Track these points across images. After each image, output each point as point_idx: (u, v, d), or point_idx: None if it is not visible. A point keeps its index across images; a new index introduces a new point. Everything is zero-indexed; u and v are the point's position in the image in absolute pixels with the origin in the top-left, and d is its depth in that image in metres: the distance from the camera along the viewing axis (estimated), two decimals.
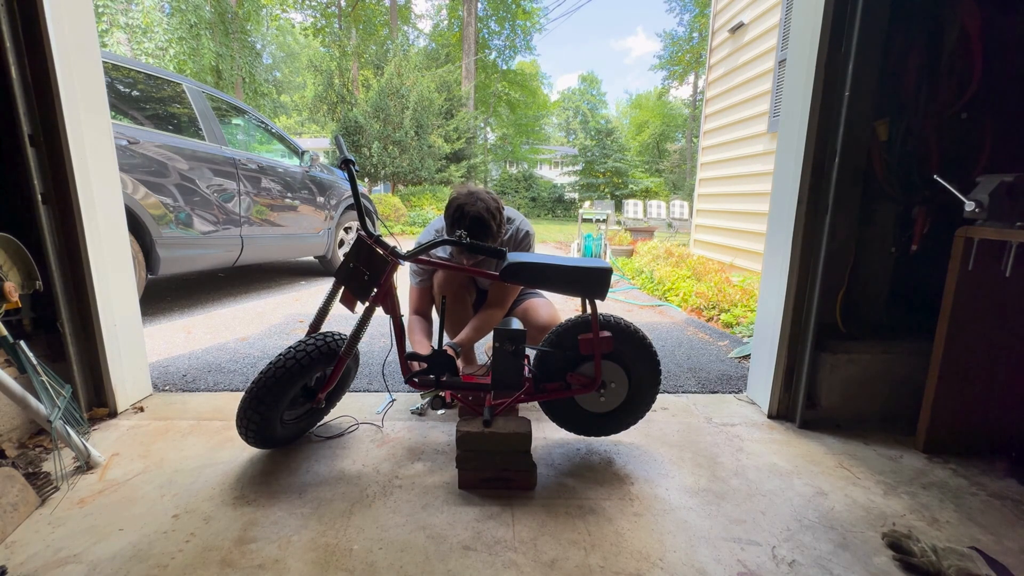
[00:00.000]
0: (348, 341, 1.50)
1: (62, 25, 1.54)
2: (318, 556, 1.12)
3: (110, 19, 13.36)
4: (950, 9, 1.63)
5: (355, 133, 12.74)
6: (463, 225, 1.59)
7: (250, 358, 2.41)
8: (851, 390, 1.83)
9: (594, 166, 20.80)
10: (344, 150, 1.51)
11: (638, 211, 12.08)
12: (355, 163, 1.48)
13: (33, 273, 1.45)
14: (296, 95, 24.08)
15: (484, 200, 1.64)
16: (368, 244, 1.44)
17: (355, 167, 1.48)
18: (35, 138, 1.53)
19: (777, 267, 1.87)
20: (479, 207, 1.62)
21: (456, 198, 1.66)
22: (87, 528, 1.19)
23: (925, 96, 1.68)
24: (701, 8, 20.65)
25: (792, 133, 1.79)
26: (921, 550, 1.12)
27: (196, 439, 1.63)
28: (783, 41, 4.43)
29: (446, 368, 1.50)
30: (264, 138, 4.26)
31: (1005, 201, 1.41)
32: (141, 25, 13.57)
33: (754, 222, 4.79)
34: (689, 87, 25.05)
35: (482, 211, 1.61)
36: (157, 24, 13.69)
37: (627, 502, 1.35)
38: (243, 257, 3.60)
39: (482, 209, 1.62)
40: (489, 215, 1.63)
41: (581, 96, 33.46)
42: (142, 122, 3.09)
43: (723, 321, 3.33)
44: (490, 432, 1.37)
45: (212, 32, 15.47)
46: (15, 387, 1.32)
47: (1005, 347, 1.57)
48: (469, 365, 2.06)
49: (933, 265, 1.67)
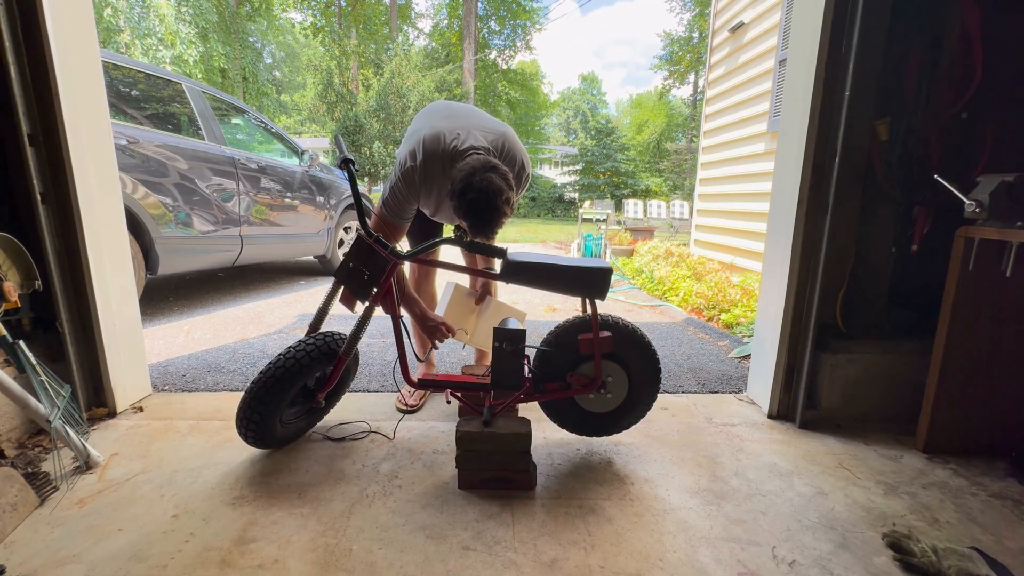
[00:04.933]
0: (348, 341, 1.50)
1: (62, 25, 1.54)
2: (318, 556, 1.12)
3: (131, 30, 13.39)
4: (950, 9, 1.63)
5: (355, 133, 12.74)
6: (466, 208, 1.38)
7: (250, 358, 2.41)
8: (851, 390, 1.82)
9: (594, 166, 20.80)
10: (344, 149, 1.51)
11: (638, 211, 12.07)
12: (355, 163, 1.47)
13: (32, 273, 1.45)
14: (296, 95, 24.06)
15: (496, 184, 1.37)
16: (368, 244, 1.44)
17: (355, 167, 1.48)
18: (34, 138, 1.53)
19: (777, 267, 1.87)
20: (493, 194, 1.36)
21: (469, 180, 1.37)
22: (86, 528, 1.19)
23: (925, 96, 1.68)
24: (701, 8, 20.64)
25: (792, 133, 1.79)
26: (921, 550, 1.12)
27: (196, 439, 1.63)
28: (783, 41, 4.42)
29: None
30: (263, 137, 4.25)
31: (1005, 201, 1.41)
32: (159, 36, 13.62)
33: (754, 222, 4.79)
34: (689, 87, 25.04)
35: (493, 198, 1.36)
36: (174, 35, 13.75)
37: (627, 502, 1.35)
38: (243, 257, 3.60)
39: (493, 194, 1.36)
40: (500, 205, 1.38)
41: (581, 96, 33.47)
42: (141, 122, 3.09)
43: (723, 321, 3.33)
44: (490, 432, 1.37)
45: (217, 34, 15.50)
46: (14, 387, 1.32)
47: (1005, 347, 1.57)
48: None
49: (933, 265, 1.67)
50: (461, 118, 1.62)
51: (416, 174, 1.52)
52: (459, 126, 1.56)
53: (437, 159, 1.51)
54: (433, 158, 1.51)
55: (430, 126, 1.57)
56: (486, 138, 1.56)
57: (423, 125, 1.61)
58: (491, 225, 1.41)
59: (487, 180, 1.35)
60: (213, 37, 15.16)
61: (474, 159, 1.41)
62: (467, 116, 1.66)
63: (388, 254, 1.43)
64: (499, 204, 1.37)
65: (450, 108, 1.73)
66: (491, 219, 1.39)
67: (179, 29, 13.91)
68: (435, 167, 1.52)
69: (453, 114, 1.66)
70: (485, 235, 1.43)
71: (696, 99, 24.15)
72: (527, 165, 1.67)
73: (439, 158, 1.51)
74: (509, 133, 1.65)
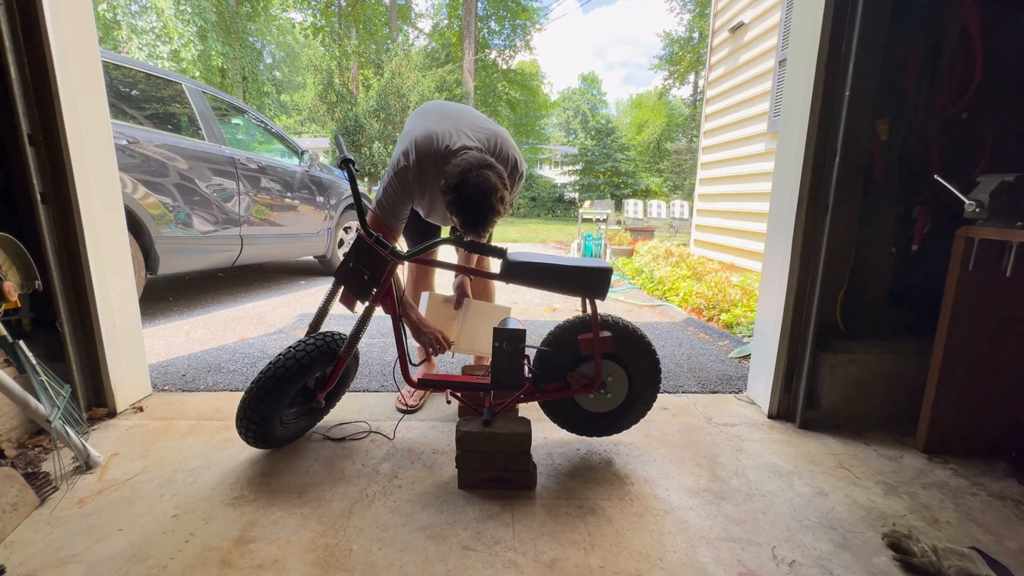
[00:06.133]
0: (348, 341, 1.50)
1: (62, 25, 1.54)
2: (318, 556, 1.12)
3: (128, 26, 13.37)
4: (951, 9, 1.63)
5: (355, 133, 12.75)
6: (460, 203, 1.37)
7: (250, 358, 2.41)
8: (851, 390, 1.82)
9: (594, 166, 20.80)
10: (344, 149, 1.51)
11: (638, 211, 12.06)
12: (355, 162, 1.47)
13: (32, 273, 1.45)
14: (296, 95, 24.08)
15: (489, 181, 1.36)
16: (368, 244, 1.44)
17: (355, 166, 1.48)
18: (34, 138, 1.53)
19: (777, 267, 1.87)
20: (485, 193, 1.35)
21: (463, 179, 1.36)
22: (86, 528, 1.19)
23: (925, 96, 1.68)
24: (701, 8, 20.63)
25: (792, 133, 1.79)
26: (921, 550, 1.12)
27: (195, 439, 1.63)
28: (783, 41, 4.42)
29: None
30: (263, 137, 4.25)
31: (1005, 201, 1.41)
32: (156, 31, 13.60)
33: (754, 222, 4.79)
34: (689, 87, 25.04)
35: (486, 195, 1.35)
36: (173, 30, 13.74)
37: (627, 502, 1.35)
38: (242, 257, 3.60)
39: (487, 191, 1.35)
40: (494, 203, 1.37)
41: (581, 96, 33.47)
42: (141, 121, 3.09)
43: (723, 321, 3.33)
44: (490, 432, 1.37)
45: (216, 33, 15.49)
46: (14, 387, 1.32)
47: (1005, 347, 1.57)
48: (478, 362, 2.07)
49: (933, 265, 1.67)
50: (455, 118, 1.62)
51: (409, 173, 1.52)
52: (452, 126, 1.56)
53: (430, 159, 1.51)
54: (426, 158, 1.51)
55: (423, 126, 1.57)
56: (479, 137, 1.56)
57: (416, 126, 1.61)
58: (484, 223, 1.39)
59: (483, 177, 1.34)
60: (212, 36, 15.16)
61: (470, 156, 1.41)
62: (461, 116, 1.65)
63: (388, 254, 1.43)
64: (493, 202, 1.36)
65: (444, 108, 1.73)
66: (484, 216, 1.38)
67: (177, 27, 13.90)
68: (428, 167, 1.52)
69: (447, 114, 1.66)
70: (477, 232, 1.42)
71: (696, 99, 24.13)
72: (521, 164, 1.67)
73: (432, 158, 1.51)
74: (502, 132, 1.65)
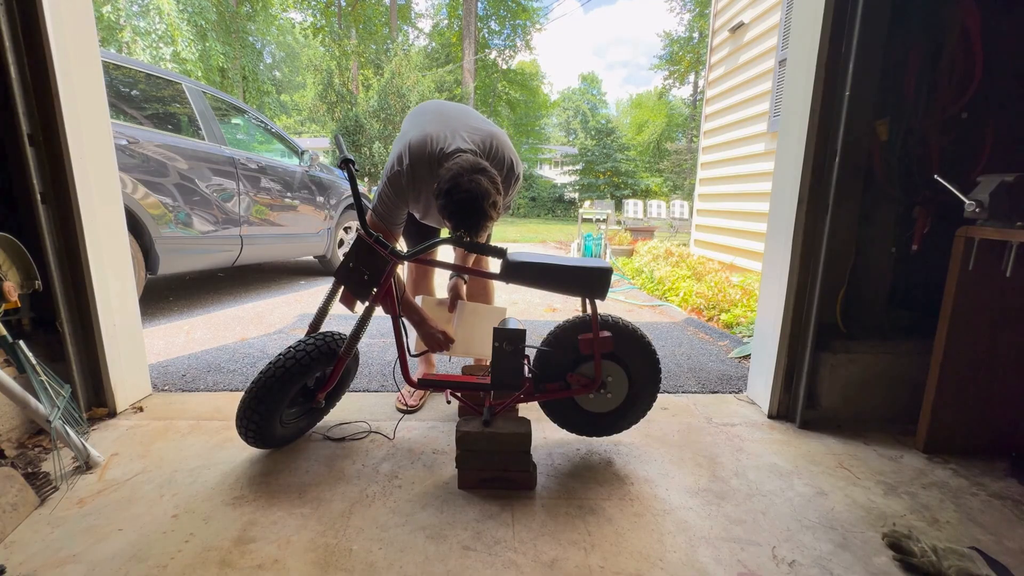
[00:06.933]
0: (348, 341, 1.50)
1: (62, 25, 1.54)
2: (317, 556, 1.12)
3: (132, 28, 13.37)
4: (950, 9, 1.63)
5: (355, 133, 12.75)
6: (452, 208, 1.36)
7: (250, 358, 2.41)
8: (851, 390, 1.82)
9: (594, 166, 20.80)
10: (344, 149, 1.51)
11: (638, 211, 12.06)
12: (355, 162, 1.47)
13: (32, 273, 1.45)
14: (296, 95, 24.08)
15: (481, 184, 1.35)
16: (368, 244, 1.44)
17: (355, 166, 1.48)
18: (34, 138, 1.53)
19: (777, 267, 1.87)
20: (476, 196, 1.35)
21: (455, 183, 1.36)
22: (86, 528, 1.19)
23: (925, 96, 1.68)
24: (701, 8, 20.63)
25: (792, 133, 1.79)
26: (921, 550, 1.12)
27: (195, 439, 1.63)
28: (783, 41, 4.42)
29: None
30: (263, 137, 4.25)
31: (1005, 201, 1.41)
32: (159, 32, 13.59)
33: (754, 222, 4.79)
34: (689, 87, 25.04)
35: (477, 198, 1.34)
36: (177, 31, 13.74)
37: (627, 502, 1.35)
38: (242, 257, 3.60)
39: (477, 194, 1.34)
40: (486, 208, 1.37)
41: (581, 96, 33.46)
42: (142, 121, 3.09)
43: (723, 321, 3.33)
44: (490, 432, 1.37)
45: (216, 33, 15.49)
46: (14, 387, 1.32)
47: (1005, 347, 1.57)
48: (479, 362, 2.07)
49: (933, 265, 1.67)
50: (450, 119, 1.61)
51: (403, 178, 1.52)
52: (448, 128, 1.55)
53: (424, 162, 1.51)
54: (420, 161, 1.51)
55: (418, 128, 1.56)
56: (473, 139, 1.55)
57: (412, 127, 1.61)
58: (476, 228, 1.39)
59: (474, 182, 1.34)
60: (212, 36, 15.16)
61: (463, 159, 1.40)
62: (457, 117, 1.64)
63: (388, 254, 1.43)
64: (485, 207, 1.35)
65: (441, 108, 1.72)
66: (476, 221, 1.37)
67: (180, 28, 13.91)
68: (422, 170, 1.52)
69: (443, 115, 1.64)
70: (470, 236, 1.41)
71: (696, 99, 24.13)
72: (517, 166, 1.66)
73: (426, 161, 1.51)
74: (499, 133, 1.64)
